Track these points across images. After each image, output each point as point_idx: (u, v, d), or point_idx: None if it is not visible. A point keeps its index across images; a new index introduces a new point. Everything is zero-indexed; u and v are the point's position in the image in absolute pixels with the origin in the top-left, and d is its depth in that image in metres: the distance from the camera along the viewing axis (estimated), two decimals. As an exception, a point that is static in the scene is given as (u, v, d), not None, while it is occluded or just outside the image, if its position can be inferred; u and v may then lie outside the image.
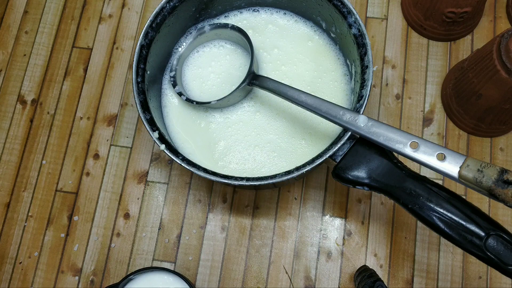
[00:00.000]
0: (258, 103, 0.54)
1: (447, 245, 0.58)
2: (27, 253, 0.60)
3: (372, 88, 0.63)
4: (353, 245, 0.58)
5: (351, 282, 0.57)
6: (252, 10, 0.57)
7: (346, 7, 0.48)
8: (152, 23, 0.49)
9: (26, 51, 0.68)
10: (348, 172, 0.44)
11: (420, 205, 0.40)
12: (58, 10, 0.70)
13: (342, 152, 0.44)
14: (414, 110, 0.63)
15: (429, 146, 0.39)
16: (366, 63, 0.46)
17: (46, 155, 0.64)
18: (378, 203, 0.59)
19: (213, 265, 0.58)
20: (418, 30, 0.65)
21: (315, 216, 0.60)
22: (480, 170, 0.36)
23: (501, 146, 0.61)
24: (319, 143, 0.52)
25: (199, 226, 0.60)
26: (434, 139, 0.62)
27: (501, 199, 0.35)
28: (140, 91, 0.48)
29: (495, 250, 0.37)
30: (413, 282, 0.57)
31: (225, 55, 0.56)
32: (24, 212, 0.61)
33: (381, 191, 0.43)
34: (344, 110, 0.43)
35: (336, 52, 0.55)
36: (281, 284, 0.57)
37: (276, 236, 0.59)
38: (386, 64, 0.65)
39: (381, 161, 0.43)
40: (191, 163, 0.45)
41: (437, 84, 0.64)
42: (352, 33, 0.48)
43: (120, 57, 0.67)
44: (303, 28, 0.56)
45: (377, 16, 0.67)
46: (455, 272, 0.57)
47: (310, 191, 0.60)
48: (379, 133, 0.41)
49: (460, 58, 0.64)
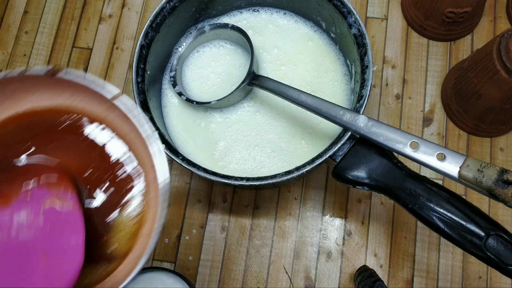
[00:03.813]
0: (258, 103, 0.54)
1: (447, 245, 0.58)
2: (27, 253, 0.60)
3: (372, 88, 0.63)
4: (353, 245, 0.58)
5: (351, 282, 0.57)
6: (252, 10, 0.57)
7: (346, 7, 0.48)
8: (152, 23, 0.49)
9: (26, 51, 0.68)
10: (348, 172, 0.44)
11: (420, 205, 0.40)
12: (58, 10, 0.70)
13: (342, 152, 0.44)
14: (414, 110, 0.63)
15: (429, 146, 0.39)
16: (366, 63, 0.46)
17: (46, 155, 0.64)
18: (378, 203, 0.59)
19: (213, 265, 0.58)
20: (418, 30, 0.65)
21: (315, 216, 0.59)
22: (480, 170, 0.36)
23: (501, 146, 0.61)
24: (319, 143, 0.52)
25: (199, 226, 0.60)
26: (434, 139, 0.62)
27: (501, 199, 0.35)
28: (140, 91, 0.48)
29: (495, 250, 0.37)
30: (413, 282, 0.57)
31: (225, 55, 0.56)
32: (24, 212, 0.61)
33: (381, 191, 0.43)
34: (344, 110, 0.43)
35: (336, 52, 0.55)
36: (281, 284, 0.57)
37: (276, 236, 0.59)
38: (386, 64, 0.65)
39: (381, 161, 0.43)
40: (191, 163, 0.45)
41: (437, 84, 0.64)
42: (352, 33, 0.48)
43: (120, 57, 0.67)
44: (303, 28, 0.56)
45: (377, 16, 0.67)
46: (455, 272, 0.57)
47: (310, 191, 0.60)
48: (379, 133, 0.41)
49: (460, 58, 0.64)
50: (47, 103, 0.34)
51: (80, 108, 0.34)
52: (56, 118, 0.34)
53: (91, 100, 0.34)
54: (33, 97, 0.34)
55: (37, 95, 0.34)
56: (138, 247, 0.31)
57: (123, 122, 0.34)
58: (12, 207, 0.29)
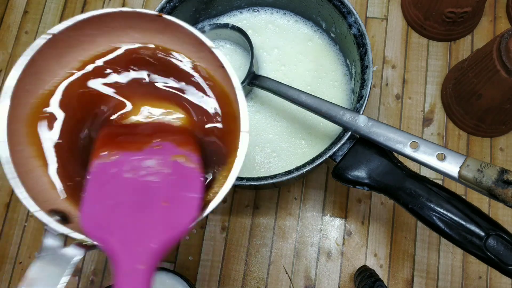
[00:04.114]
0: (258, 103, 0.54)
1: (447, 245, 0.58)
2: (27, 253, 0.60)
3: (372, 88, 0.63)
4: (353, 245, 0.58)
5: (351, 282, 0.57)
6: (252, 10, 0.57)
7: (346, 7, 0.48)
8: (152, 23, 0.49)
9: (26, 51, 0.68)
10: (348, 172, 0.44)
11: (420, 205, 0.40)
12: (58, 10, 0.70)
13: (342, 152, 0.44)
14: (414, 110, 0.63)
15: (429, 146, 0.39)
16: (366, 63, 0.46)
17: (46, 155, 0.63)
18: (378, 203, 0.59)
19: (213, 265, 0.58)
20: (418, 30, 0.65)
21: (315, 216, 0.59)
22: (480, 170, 0.36)
23: (501, 146, 0.61)
24: (319, 143, 0.52)
25: (199, 226, 0.60)
26: (434, 139, 0.62)
27: (501, 199, 0.35)
28: (140, 91, 0.48)
29: (495, 250, 0.37)
30: (413, 282, 0.57)
31: (225, 55, 0.56)
32: (24, 212, 0.61)
33: (381, 191, 0.43)
34: (344, 110, 0.43)
35: (336, 52, 0.55)
36: (281, 284, 0.57)
37: (276, 236, 0.59)
38: (386, 64, 0.65)
39: (381, 161, 0.43)
40: (191, 163, 0.45)
41: (437, 84, 0.64)
42: (352, 33, 0.48)
43: (120, 57, 0.67)
44: (303, 28, 0.56)
45: (377, 16, 0.67)
46: (455, 272, 0.57)
47: (310, 191, 0.60)
48: (379, 133, 0.41)
49: (460, 58, 0.64)
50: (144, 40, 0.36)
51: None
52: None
53: (184, 49, 0.36)
54: (136, 33, 0.36)
55: (139, 34, 0.36)
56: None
57: (214, 72, 0.36)
58: (144, 153, 0.32)
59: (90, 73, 0.35)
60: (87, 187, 0.31)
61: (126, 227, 0.29)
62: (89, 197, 0.31)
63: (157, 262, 0.28)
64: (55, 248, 0.30)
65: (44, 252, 0.30)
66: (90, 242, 0.30)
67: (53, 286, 0.29)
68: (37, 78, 0.34)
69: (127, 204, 0.30)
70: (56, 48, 0.33)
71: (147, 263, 0.28)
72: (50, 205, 0.32)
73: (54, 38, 0.33)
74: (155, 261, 0.28)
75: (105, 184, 0.31)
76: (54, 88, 0.34)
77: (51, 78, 0.34)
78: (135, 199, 0.31)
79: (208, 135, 0.35)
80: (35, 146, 0.33)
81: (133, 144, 0.33)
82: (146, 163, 0.32)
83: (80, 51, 0.35)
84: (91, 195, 0.31)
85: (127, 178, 0.31)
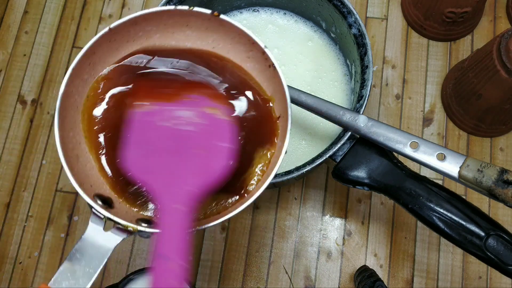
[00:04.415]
0: (258, 103, 0.54)
1: (447, 245, 0.58)
2: (27, 253, 0.60)
3: (372, 88, 0.63)
4: (353, 245, 0.58)
5: (351, 282, 0.57)
6: (252, 10, 0.57)
7: (346, 7, 0.48)
8: (152, 23, 0.49)
9: (26, 51, 0.68)
10: (348, 172, 0.44)
11: (420, 205, 0.40)
12: (58, 10, 0.70)
13: (342, 152, 0.44)
14: (414, 110, 0.63)
15: (429, 146, 0.39)
16: (366, 63, 0.46)
17: (46, 155, 0.63)
18: (378, 203, 0.59)
19: (213, 265, 0.58)
20: (418, 30, 0.65)
21: (315, 216, 0.59)
22: (480, 170, 0.36)
23: (501, 146, 0.61)
24: (319, 143, 0.52)
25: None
26: (434, 139, 0.62)
27: (501, 199, 0.35)
28: (140, 91, 0.48)
29: (495, 250, 0.37)
30: (413, 282, 0.57)
31: (225, 55, 0.56)
32: (24, 212, 0.61)
33: (381, 191, 0.43)
34: (344, 110, 0.43)
35: (336, 52, 0.55)
36: (281, 284, 0.57)
37: (276, 236, 0.59)
38: (386, 64, 0.65)
39: (381, 161, 0.43)
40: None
41: (437, 84, 0.64)
42: (352, 33, 0.48)
43: (120, 57, 0.67)
44: (303, 28, 0.56)
45: (377, 16, 0.67)
46: (455, 272, 0.57)
47: (310, 191, 0.60)
48: (379, 133, 0.41)
49: (460, 58, 0.64)
50: (192, 44, 0.38)
51: (223, 54, 0.38)
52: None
53: (234, 48, 0.38)
54: (190, 31, 0.37)
55: (188, 33, 0.38)
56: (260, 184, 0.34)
57: (260, 72, 0.37)
58: (179, 103, 0.35)
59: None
60: (127, 133, 0.33)
61: (165, 170, 0.32)
62: (129, 142, 0.33)
63: (195, 205, 0.31)
64: (98, 231, 0.32)
65: (88, 233, 0.32)
66: (134, 227, 0.32)
67: (98, 266, 0.32)
68: (92, 69, 0.36)
69: (164, 150, 0.32)
70: (114, 41, 0.36)
71: (186, 204, 0.30)
72: (95, 190, 0.34)
73: (112, 32, 0.35)
74: (193, 204, 0.31)
75: (143, 130, 0.33)
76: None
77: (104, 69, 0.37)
78: (172, 146, 0.33)
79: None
80: (87, 132, 0.35)
81: (168, 96, 0.35)
82: (181, 113, 0.34)
83: (135, 46, 0.37)
84: (132, 141, 0.33)
85: (164, 126, 0.33)
